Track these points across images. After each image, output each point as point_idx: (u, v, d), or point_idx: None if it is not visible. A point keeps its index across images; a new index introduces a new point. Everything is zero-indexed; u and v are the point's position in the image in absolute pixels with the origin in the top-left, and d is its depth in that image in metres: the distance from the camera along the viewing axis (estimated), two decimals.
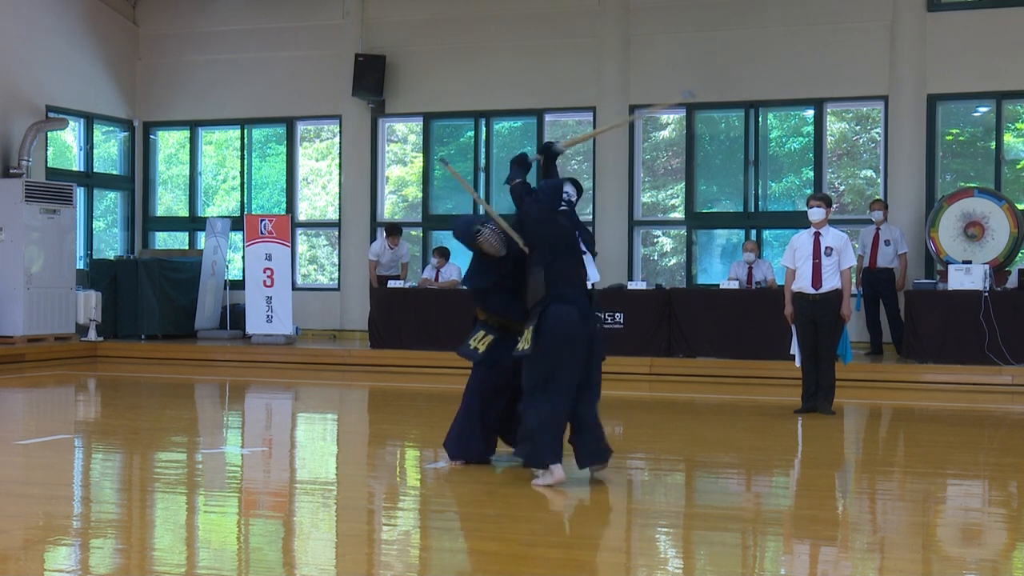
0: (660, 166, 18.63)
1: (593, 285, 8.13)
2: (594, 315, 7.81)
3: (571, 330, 7.54)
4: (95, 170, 19.57)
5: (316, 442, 10.30)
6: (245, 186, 19.81)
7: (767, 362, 14.26)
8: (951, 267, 14.18)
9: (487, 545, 6.26)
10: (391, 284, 16.52)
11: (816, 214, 11.13)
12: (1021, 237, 15.00)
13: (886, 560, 5.86)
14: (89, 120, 19.31)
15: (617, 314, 15.20)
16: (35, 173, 17.70)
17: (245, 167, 19.81)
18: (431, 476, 8.13)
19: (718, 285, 15.73)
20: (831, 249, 11.03)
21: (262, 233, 17.41)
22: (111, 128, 20.01)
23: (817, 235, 11.11)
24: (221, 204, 20.48)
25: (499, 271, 8.11)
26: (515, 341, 7.77)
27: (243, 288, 17.86)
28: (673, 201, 18.25)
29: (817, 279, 11.05)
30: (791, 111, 17.73)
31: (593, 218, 17.86)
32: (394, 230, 17.11)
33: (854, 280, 15.50)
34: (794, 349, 11.24)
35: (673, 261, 18.47)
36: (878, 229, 15.18)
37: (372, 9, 18.87)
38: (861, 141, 17.92)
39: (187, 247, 20.07)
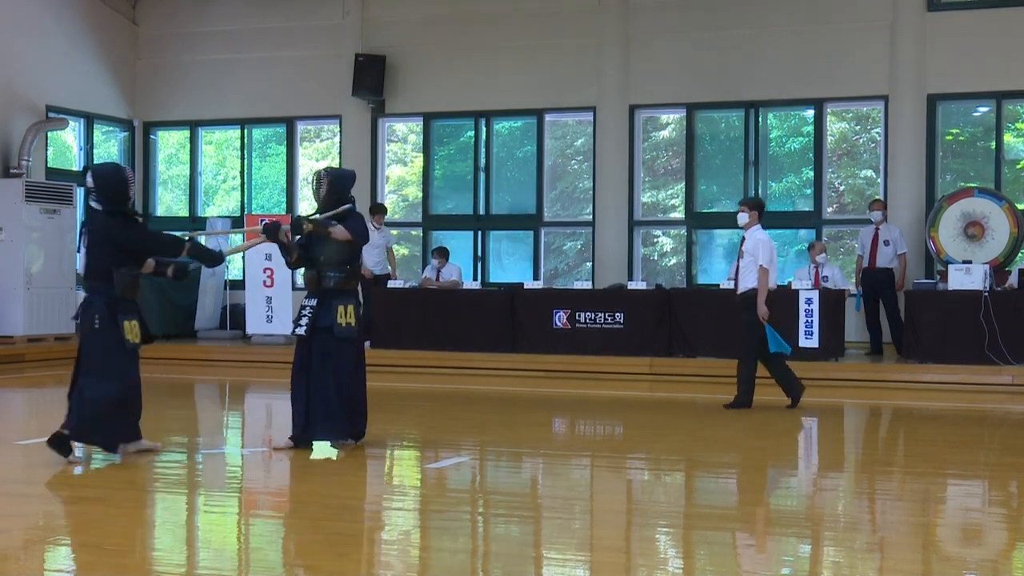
0: (660, 166, 18.63)
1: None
2: None
3: None
4: None
5: (316, 442, 10.28)
6: (245, 186, 19.81)
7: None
8: (951, 267, 14.17)
9: (487, 545, 6.27)
10: (391, 284, 16.51)
11: (740, 218, 11.40)
12: (1021, 237, 15.00)
13: (886, 560, 5.86)
14: (89, 120, 19.31)
15: (617, 314, 15.20)
16: (35, 173, 17.71)
17: (245, 167, 19.81)
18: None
19: (718, 285, 15.73)
20: (743, 252, 11.25)
21: (262, 234, 17.38)
22: (111, 128, 20.02)
23: (743, 239, 11.36)
24: (221, 204, 20.49)
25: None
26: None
27: (243, 288, 17.86)
28: (673, 201, 18.26)
29: (736, 281, 11.37)
30: (791, 111, 17.74)
31: (593, 218, 17.88)
32: (378, 209, 16.91)
33: (853, 280, 15.60)
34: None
35: (673, 261, 18.48)
36: (877, 229, 15.18)
37: (372, 9, 18.87)
38: (861, 141, 17.93)
39: None
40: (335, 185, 8.71)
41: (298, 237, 8.77)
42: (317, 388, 8.52)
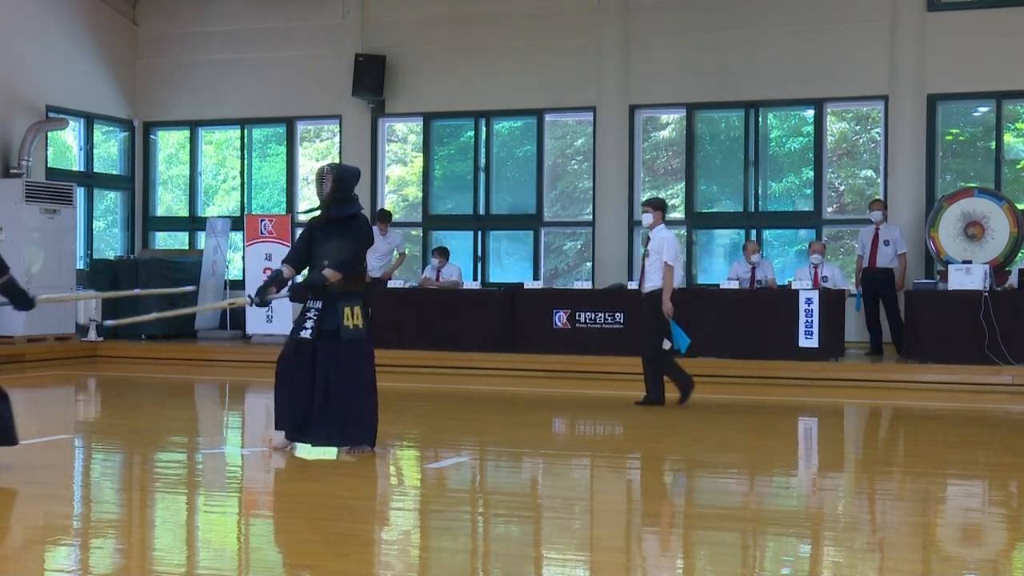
0: (660, 166, 18.63)
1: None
2: None
3: None
4: (95, 170, 19.57)
5: (313, 446, 10.29)
6: (245, 186, 19.81)
7: (768, 362, 14.26)
8: (951, 267, 14.18)
9: (487, 545, 6.27)
10: (391, 284, 16.51)
11: (644, 219, 11.65)
12: (1021, 237, 14.99)
13: (886, 560, 5.86)
14: (89, 120, 19.31)
15: (617, 314, 15.19)
16: (35, 173, 17.70)
17: (245, 167, 19.81)
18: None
19: (718, 285, 15.73)
20: (648, 251, 11.45)
21: (262, 233, 17.41)
22: (111, 128, 20.02)
23: (647, 239, 11.61)
24: (221, 204, 20.49)
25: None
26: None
27: (243, 288, 17.84)
28: (673, 201, 18.25)
29: (642, 279, 11.55)
30: (791, 111, 17.73)
31: (593, 218, 17.87)
32: (382, 216, 16.89)
33: (853, 280, 15.61)
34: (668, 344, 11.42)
35: None
36: (877, 229, 15.18)
37: (372, 9, 18.87)
38: (861, 141, 17.92)
39: (187, 247, 20.07)
40: (339, 183, 8.47)
41: (284, 289, 8.64)
42: (322, 393, 8.37)
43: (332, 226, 8.50)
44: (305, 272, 8.78)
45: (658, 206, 11.63)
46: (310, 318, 8.42)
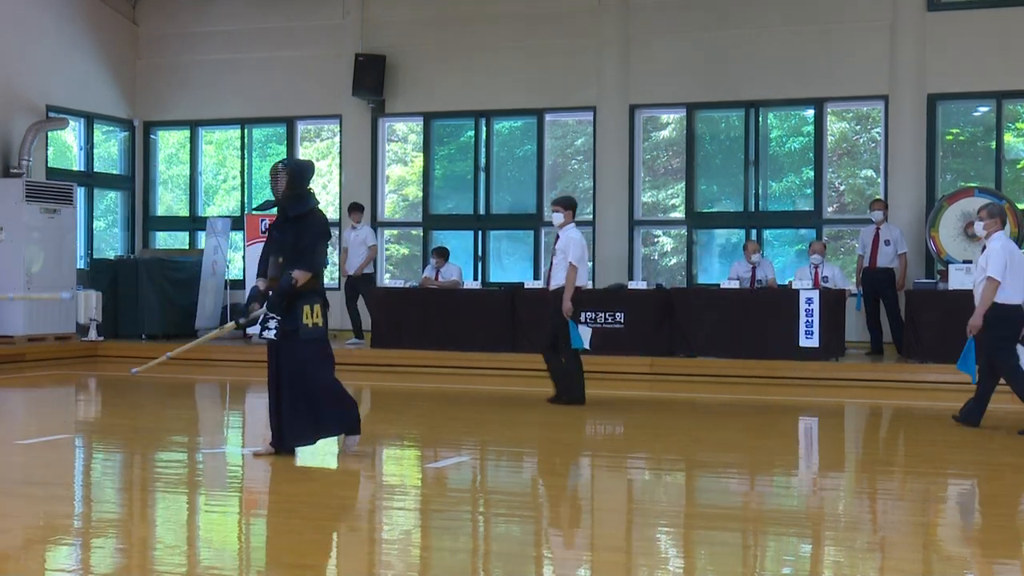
0: (660, 166, 18.63)
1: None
2: None
3: None
4: (95, 170, 19.57)
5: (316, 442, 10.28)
6: (245, 186, 19.81)
7: (767, 362, 14.26)
8: (951, 267, 14.18)
9: (487, 545, 6.27)
10: (391, 284, 16.50)
11: (555, 218, 11.64)
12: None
13: (886, 560, 5.86)
14: (89, 120, 19.31)
15: (617, 314, 15.20)
16: (35, 173, 17.70)
17: (245, 167, 19.81)
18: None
19: (718, 285, 15.74)
20: (556, 250, 11.50)
21: (262, 233, 17.39)
22: (111, 128, 20.02)
23: (556, 237, 11.62)
24: (221, 204, 20.49)
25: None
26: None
27: (243, 288, 17.82)
28: (673, 201, 18.26)
29: (549, 277, 11.62)
30: (791, 111, 17.73)
31: (593, 218, 17.86)
32: (352, 207, 16.83)
33: (853, 279, 15.62)
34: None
35: (673, 261, 18.48)
36: (878, 229, 15.19)
37: (372, 9, 18.87)
38: (861, 141, 17.93)
39: (187, 247, 20.07)
40: (294, 179, 8.39)
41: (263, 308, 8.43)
42: (289, 395, 8.25)
43: (289, 223, 8.40)
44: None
45: (568, 205, 11.62)
46: (273, 317, 8.31)
